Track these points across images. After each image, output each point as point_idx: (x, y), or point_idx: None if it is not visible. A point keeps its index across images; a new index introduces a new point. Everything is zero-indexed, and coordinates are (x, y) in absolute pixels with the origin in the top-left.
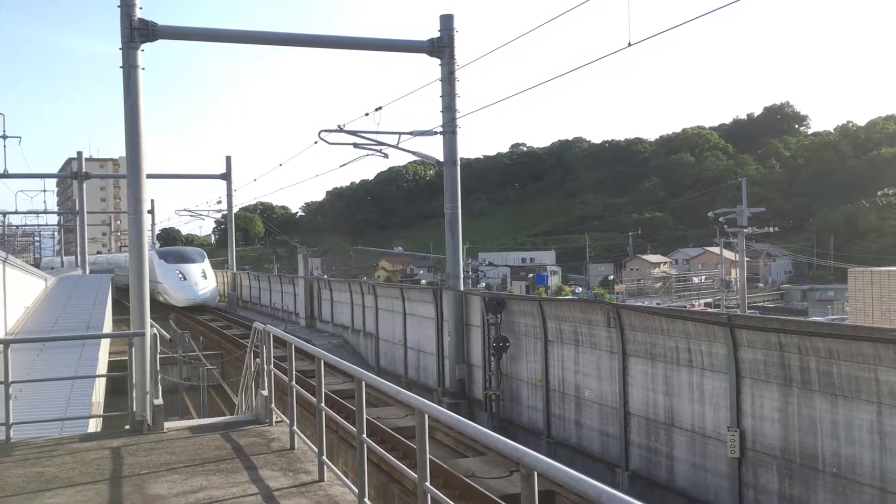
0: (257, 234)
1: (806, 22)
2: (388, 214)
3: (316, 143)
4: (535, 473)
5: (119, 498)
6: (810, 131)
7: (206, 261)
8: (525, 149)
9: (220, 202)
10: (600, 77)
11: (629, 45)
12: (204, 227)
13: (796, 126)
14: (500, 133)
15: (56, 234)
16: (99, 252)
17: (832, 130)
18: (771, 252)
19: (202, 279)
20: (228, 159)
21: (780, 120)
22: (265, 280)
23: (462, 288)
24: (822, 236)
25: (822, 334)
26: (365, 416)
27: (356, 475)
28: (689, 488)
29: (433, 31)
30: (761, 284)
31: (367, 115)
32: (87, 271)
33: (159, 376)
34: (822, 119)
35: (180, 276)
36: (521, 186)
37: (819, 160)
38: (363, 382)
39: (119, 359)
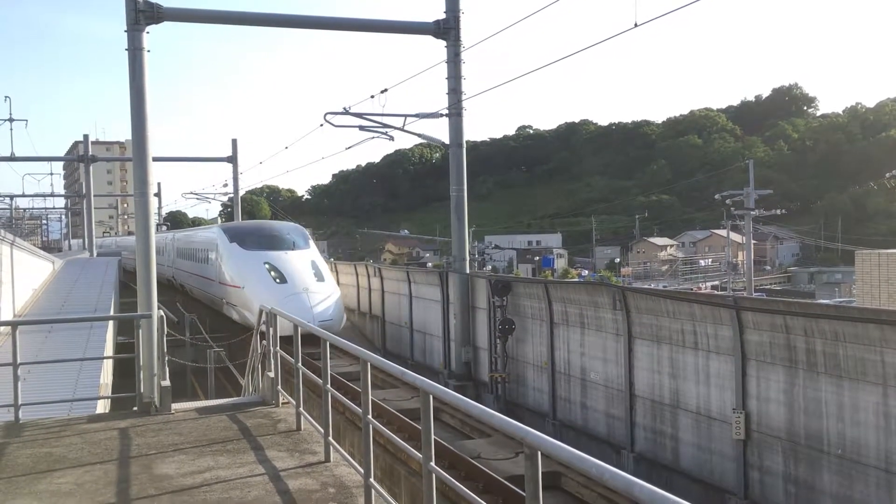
0: (264, 217)
1: (814, 2)
2: (394, 197)
3: (322, 125)
4: (539, 453)
5: (127, 478)
6: (819, 113)
7: (313, 245)
8: (531, 131)
9: (226, 185)
10: (607, 58)
11: (636, 25)
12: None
13: (804, 108)
14: (506, 116)
15: (63, 217)
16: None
17: (841, 112)
18: (778, 234)
19: (315, 281)
20: (234, 142)
21: (789, 102)
22: None
23: (468, 271)
24: (829, 219)
25: (828, 316)
26: (370, 397)
27: (362, 456)
28: (694, 470)
29: (438, 15)
30: (768, 267)
31: (372, 97)
32: (95, 254)
33: (167, 358)
34: (830, 101)
35: (274, 275)
36: (528, 169)
37: (827, 142)
38: (368, 364)
39: (127, 341)
